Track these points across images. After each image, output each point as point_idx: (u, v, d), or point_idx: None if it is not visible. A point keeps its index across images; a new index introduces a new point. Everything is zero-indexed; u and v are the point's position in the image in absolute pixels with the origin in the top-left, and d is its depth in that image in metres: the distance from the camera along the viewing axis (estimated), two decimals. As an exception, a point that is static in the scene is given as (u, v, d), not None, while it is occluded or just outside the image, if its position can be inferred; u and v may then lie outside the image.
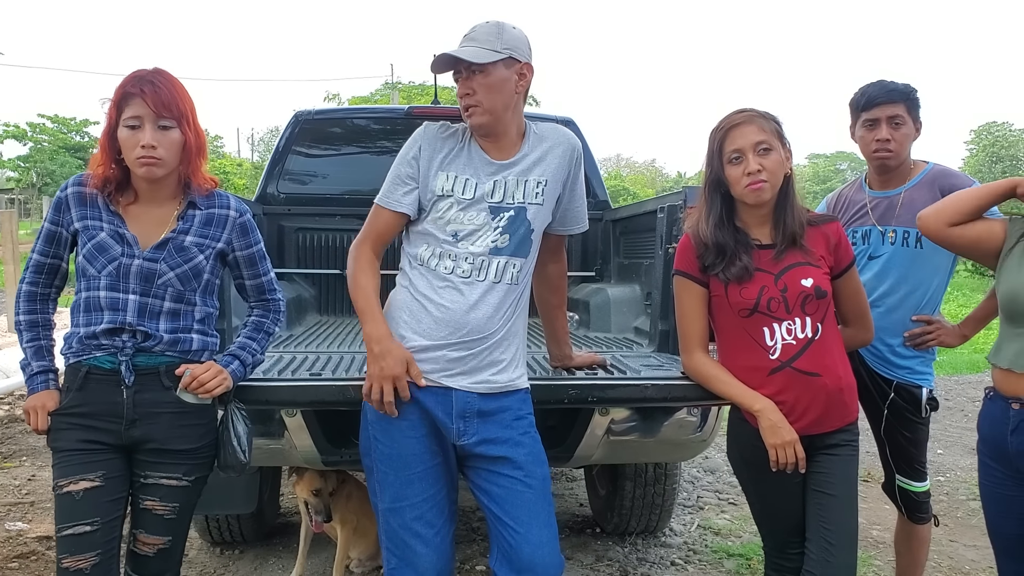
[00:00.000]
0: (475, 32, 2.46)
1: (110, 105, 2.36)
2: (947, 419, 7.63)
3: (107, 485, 2.35)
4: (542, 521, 2.44)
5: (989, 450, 2.52)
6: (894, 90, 3.05)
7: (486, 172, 2.49)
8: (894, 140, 3.04)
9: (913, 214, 3.02)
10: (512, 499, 2.42)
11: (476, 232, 2.45)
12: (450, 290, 2.43)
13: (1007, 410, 2.41)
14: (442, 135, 2.53)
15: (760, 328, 2.50)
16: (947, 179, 3.06)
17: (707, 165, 2.53)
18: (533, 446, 2.50)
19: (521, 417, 2.50)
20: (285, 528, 4.61)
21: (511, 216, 2.47)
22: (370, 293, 2.45)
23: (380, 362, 2.34)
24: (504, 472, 2.43)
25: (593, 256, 4.91)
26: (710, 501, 5.33)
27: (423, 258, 2.48)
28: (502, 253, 2.45)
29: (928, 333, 3.09)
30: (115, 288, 2.36)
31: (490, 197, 2.47)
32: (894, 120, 3.03)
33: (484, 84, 2.42)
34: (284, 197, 4.95)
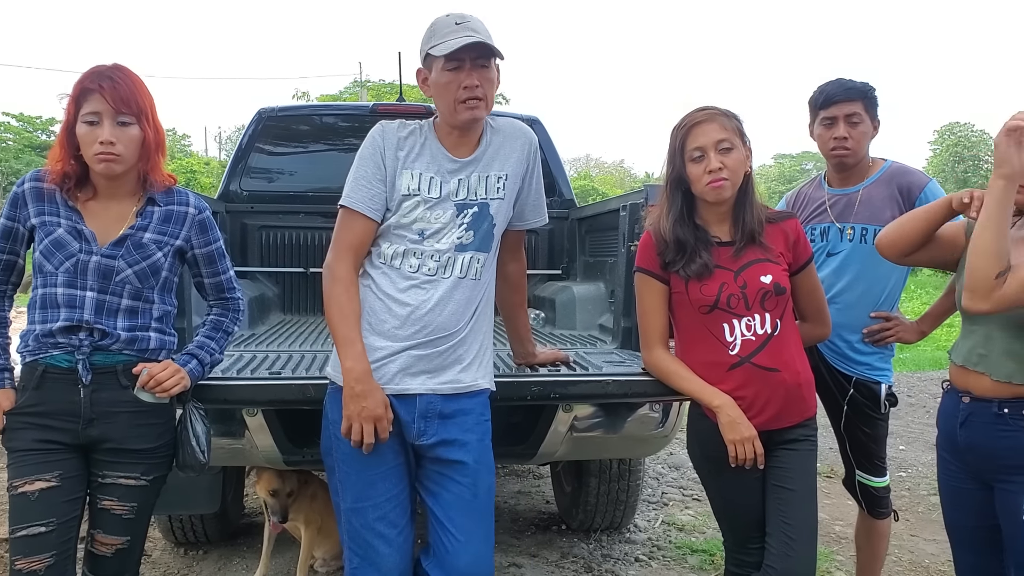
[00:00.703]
0: (472, 23, 2.40)
1: (68, 101, 2.33)
2: (909, 415, 7.73)
3: (64, 485, 2.32)
4: (483, 534, 2.45)
5: (944, 443, 2.56)
6: (852, 88, 3.08)
7: (449, 170, 2.47)
8: (851, 138, 3.07)
9: (872, 211, 3.06)
10: (459, 506, 2.42)
11: (442, 230, 2.44)
12: (415, 289, 2.42)
13: (958, 404, 2.45)
14: (401, 134, 2.49)
15: (720, 324, 2.52)
16: (904, 177, 3.10)
17: (668, 163, 2.54)
18: (486, 455, 2.50)
19: (480, 423, 2.50)
20: (249, 528, 4.58)
21: (475, 212, 2.47)
22: (353, 321, 2.38)
23: (362, 402, 2.31)
24: (455, 477, 2.43)
25: (559, 254, 4.93)
26: (674, 497, 5.37)
27: (387, 256, 2.46)
28: (467, 249, 2.45)
29: (886, 329, 3.13)
30: (72, 285, 2.33)
31: (455, 195, 2.46)
32: (851, 118, 3.06)
33: (488, 78, 2.41)
34: (247, 195, 4.91)
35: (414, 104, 5.15)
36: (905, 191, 3.07)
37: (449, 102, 2.41)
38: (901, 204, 3.06)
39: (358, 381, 2.31)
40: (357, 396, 2.31)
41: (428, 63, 2.45)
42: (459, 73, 2.38)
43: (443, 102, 2.44)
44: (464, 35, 2.36)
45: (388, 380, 2.39)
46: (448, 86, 2.40)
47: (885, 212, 3.07)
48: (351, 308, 2.38)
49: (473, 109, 2.40)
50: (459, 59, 2.37)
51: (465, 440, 2.44)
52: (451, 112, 2.42)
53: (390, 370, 2.39)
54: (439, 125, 2.52)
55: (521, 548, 4.41)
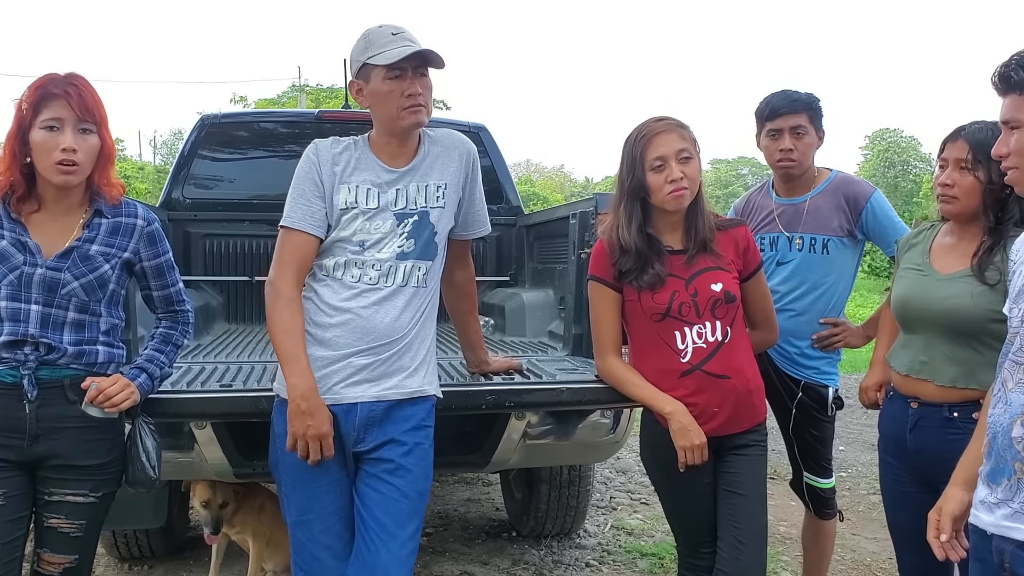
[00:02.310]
0: (408, 34, 2.44)
1: (24, 105, 2.27)
2: (848, 416, 7.89)
3: (8, 504, 2.27)
4: (407, 535, 2.43)
5: (889, 447, 2.62)
6: (797, 100, 3.14)
7: (386, 180, 2.48)
8: (797, 150, 3.12)
9: (819, 221, 3.14)
10: (385, 506, 2.41)
11: (383, 240, 2.44)
12: (357, 297, 2.42)
13: (906, 409, 2.51)
14: (335, 150, 2.50)
15: (672, 332, 2.55)
16: (850, 186, 3.19)
17: (627, 172, 2.56)
18: (424, 460, 2.49)
19: (421, 427, 2.49)
20: (196, 542, 4.49)
21: (415, 221, 2.47)
22: (298, 337, 2.36)
23: (308, 420, 2.29)
24: (385, 478, 2.42)
25: (507, 261, 4.93)
26: (623, 502, 5.42)
27: (329, 269, 2.46)
28: (408, 257, 2.46)
29: (834, 335, 3.20)
30: (16, 298, 2.28)
31: (394, 205, 2.47)
32: (796, 130, 3.12)
33: (427, 86, 2.44)
34: (190, 203, 4.83)
35: (359, 111, 5.11)
36: (852, 201, 3.14)
37: (391, 110, 2.42)
38: (848, 214, 3.14)
39: (303, 398, 2.30)
40: (303, 413, 2.29)
41: (365, 73, 2.46)
42: (401, 82, 2.40)
43: (384, 110, 2.45)
44: (404, 44, 2.39)
45: (329, 389, 2.38)
46: (390, 95, 2.41)
47: (832, 221, 3.14)
48: (294, 324, 2.37)
49: (416, 113, 2.42)
50: (401, 68, 2.39)
51: (402, 441, 2.43)
52: (393, 119, 2.43)
53: (332, 380, 2.39)
54: (374, 138, 2.53)
55: (472, 556, 4.41)
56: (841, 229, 3.15)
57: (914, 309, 2.50)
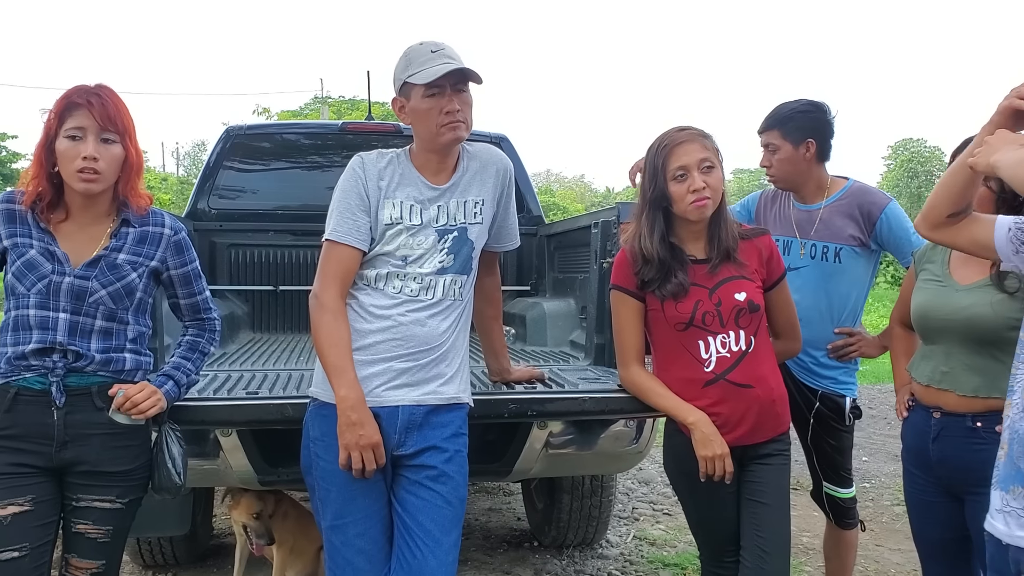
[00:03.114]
0: (447, 50, 2.45)
1: (51, 115, 2.32)
2: (871, 427, 7.85)
3: (37, 509, 2.29)
4: (451, 541, 2.45)
5: (912, 458, 2.61)
6: (770, 117, 3.20)
7: (428, 197, 2.51)
8: (772, 165, 3.21)
9: (832, 230, 3.15)
10: (430, 512, 2.42)
11: (424, 255, 2.47)
12: (397, 306, 2.44)
13: (928, 419, 2.50)
14: (380, 164, 2.52)
15: (695, 341, 2.55)
16: (865, 196, 3.19)
17: (649, 182, 2.57)
18: (462, 466, 2.51)
19: (459, 435, 2.52)
20: (219, 550, 4.53)
21: (455, 237, 2.50)
22: (344, 349, 2.38)
23: (359, 430, 2.31)
24: (428, 484, 2.43)
25: (528, 271, 4.95)
26: (645, 512, 5.40)
27: (370, 279, 2.48)
28: (448, 272, 2.48)
29: (850, 345, 3.20)
30: (45, 307, 2.31)
31: (436, 222, 2.49)
32: (768, 147, 3.20)
33: (467, 102, 2.46)
34: (215, 213, 4.89)
35: (382, 123, 5.15)
36: (866, 211, 3.15)
37: (431, 127, 2.45)
38: (862, 224, 3.15)
39: (353, 409, 2.31)
40: (354, 424, 2.31)
41: (406, 91, 2.48)
42: (440, 99, 2.42)
43: (424, 127, 2.47)
44: (443, 62, 2.40)
45: (370, 392, 2.39)
46: (429, 112, 2.43)
47: (845, 231, 3.15)
48: (340, 336, 2.39)
49: (455, 129, 2.44)
50: (439, 85, 2.41)
51: (443, 447, 2.45)
52: (433, 136, 2.46)
53: (373, 383, 2.40)
54: (415, 153, 2.55)
55: (494, 566, 4.41)
56: (854, 239, 3.15)
57: (934, 320, 2.49)
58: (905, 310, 2.73)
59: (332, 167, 4.92)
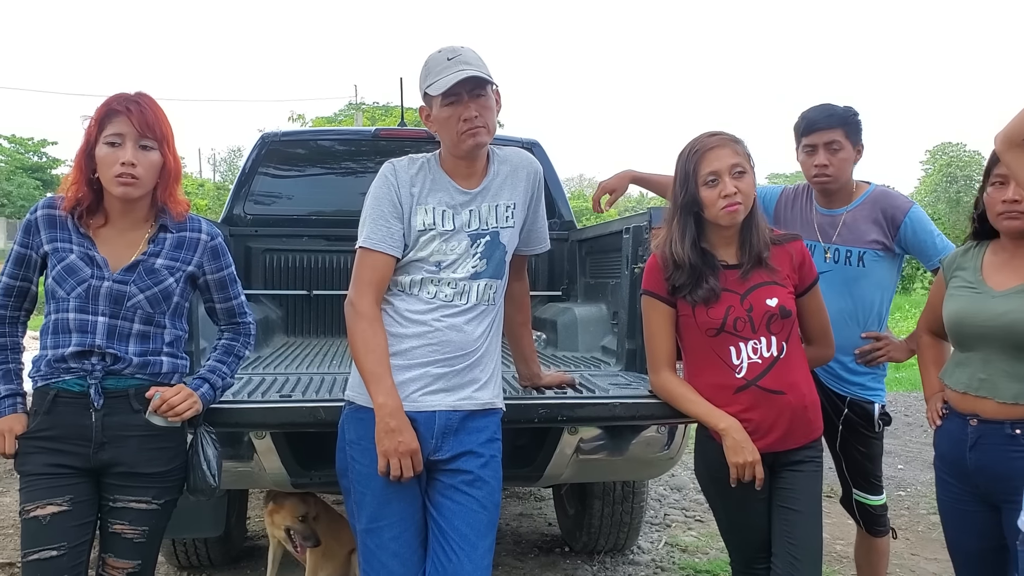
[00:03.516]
0: (465, 55, 2.46)
1: (91, 122, 2.36)
2: (907, 434, 7.75)
3: (75, 509, 2.33)
4: (487, 546, 2.45)
5: (947, 466, 2.58)
6: (832, 115, 3.12)
7: (460, 202, 2.52)
8: (832, 165, 3.12)
9: (856, 235, 3.13)
10: (465, 516, 2.43)
11: (458, 260, 2.48)
12: (432, 311, 2.45)
13: (965, 427, 2.47)
14: (412, 171, 2.54)
15: (727, 347, 2.54)
16: (888, 201, 3.18)
17: (680, 187, 2.56)
18: (498, 472, 2.52)
19: (494, 440, 2.53)
20: (252, 552, 4.57)
21: (487, 241, 2.51)
22: (381, 356, 2.39)
23: (398, 437, 2.32)
24: (464, 489, 2.44)
25: (559, 276, 4.96)
26: (677, 518, 5.38)
27: (404, 285, 2.49)
28: (481, 276, 2.49)
29: (877, 349, 3.17)
30: (84, 310, 2.35)
31: (468, 226, 2.51)
32: (831, 146, 3.11)
33: (486, 107, 2.46)
34: (251, 218, 4.95)
35: (415, 129, 5.19)
36: (889, 215, 3.14)
37: (452, 135, 2.47)
38: (885, 228, 3.14)
39: (392, 416, 2.33)
40: (392, 431, 2.32)
41: (428, 101, 2.51)
42: (457, 107, 2.44)
43: (446, 135, 2.49)
44: (457, 70, 2.41)
45: (407, 397, 2.41)
46: (449, 120, 2.45)
47: (869, 234, 3.14)
48: (376, 343, 2.40)
49: (475, 135, 2.45)
50: (456, 93, 2.43)
51: (479, 452, 2.46)
52: (455, 144, 2.48)
53: (410, 388, 2.42)
54: (444, 158, 2.57)
55: (525, 571, 4.41)
56: (877, 243, 3.14)
57: (970, 327, 2.47)
58: (933, 317, 2.71)
59: (365, 173, 4.96)
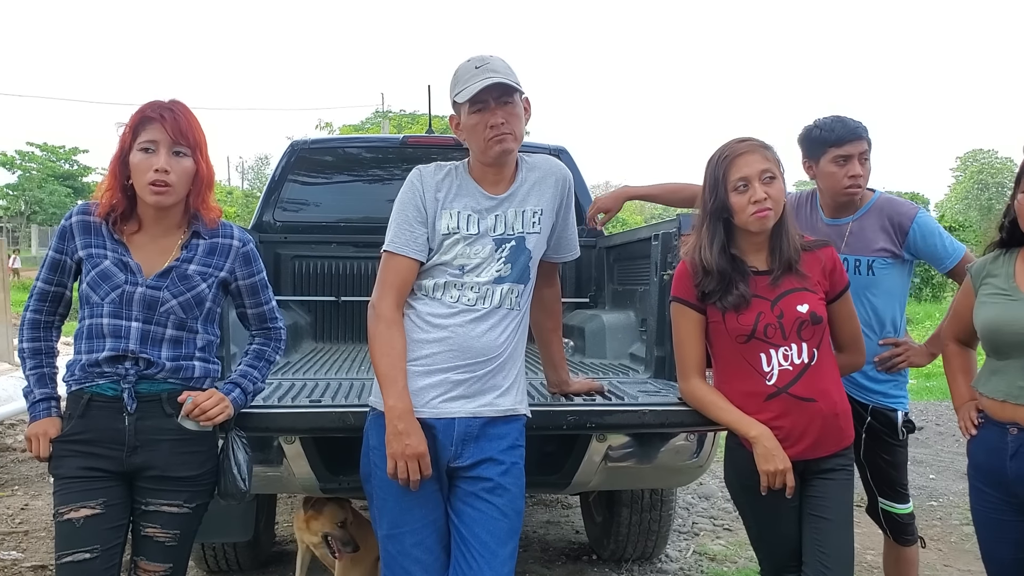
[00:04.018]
0: (492, 64, 2.48)
1: (125, 129, 2.39)
2: (938, 444, 7.65)
3: (108, 512, 2.36)
4: (508, 553, 2.45)
5: (983, 476, 2.54)
6: (860, 126, 3.14)
7: (486, 207, 2.53)
8: (864, 176, 3.13)
9: (864, 243, 3.13)
10: (486, 524, 2.43)
11: (481, 264, 2.49)
12: (455, 316, 2.46)
13: (1004, 436, 2.44)
14: (438, 176, 2.56)
15: (757, 354, 2.53)
16: (894, 207, 3.17)
17: (710, 193, 2.56)
18: (518, 478, 2.51)
19: (516, 447, 2.52)
20: (280, 557, 4.59)
21: (512, 246, 2.52)
22: (396, 359, 2.41)
23: (405, 440, 2.33)
24: (484, 497, 2.44)
25: (587, 282, 4.95)
26: (705, 527, 5.34)
27: (427, 289, 2.51)
28: (505, 281, 2.50)
29: (897, 356, 3.15)
30: (118, 316, 2.38)
31: (493, 231, 2.52)
32: (863, 156, 3.12)
33: (513, 114, 2.47)
34: (280, 225, 4.99)
35: (443, 136, 5.21)
36: (896, 222, 3.13)
37: (480, 142, 2.49)
38: (893, 235, 3.13)
39: (400, 419, 2.34)
40: (400, 434, 2.33)
41: (457, 109, 2.54)
42: (484, 114, 2.46)
43: (474, 143, 2.51)
44: (483, 78, 2.44)
45: (427, 403, 2.42)
46: (476, 128, 2.48)
47: (877, 242, 3.13)
48: (392, 346, 2.42)
49: (502, 142, 2.47)
50: (482, 101, 2.45)
51: (500, 460, 2.46)
52: (483, 151, 2.50)
53: (430, 394, 2.43)
54: (473, 165, 2.59)
55: (552, 578, 4.39)
56: (885, 250, 3.13)
57: (1007, 334, 2.44)
58: (961, 326, 2.68)
59: (393, 180, 4.99)
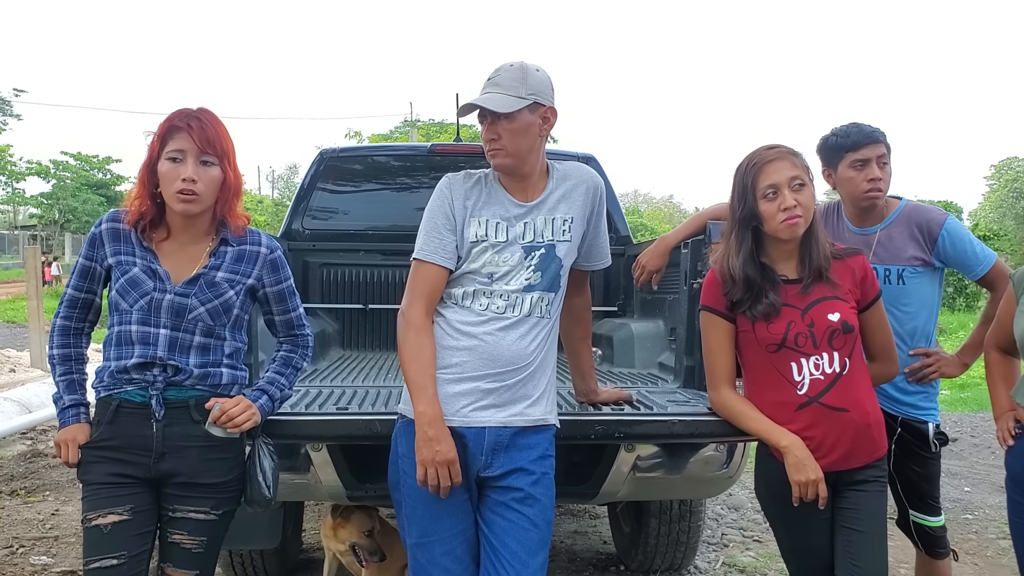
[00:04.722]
0: (500, 76, 2.47)
1: (154, 138, 2.41)
2: (973, 456, 7.53)
3: (135, 519, 2.36)
4: (538, 564, 2.43)
5: (1021, 488, 2.50)
6: (877, 131, 3.10)
7: (515, 214, 2.52)
8: (883, 179, 3.08)
9: (892, 253, 3.07)
10: (517, 535, 2.41)
11: (511, 272, 2.48)
12: (484, 324, 2.45)
13: (1042, 447, 2.39)
14: (467, 184, 2.56)
15: (788, 363, 2.50)
16: (922, 214, 3.12)
17: (738, 200, 2.53)
18: (549, 489, 2.49)
19: (546, 457, 2.50)
20: (308, 564, 4.59)
21: (542, 254, 2.50)
22: (426, 366, 2.40)
23: (435, 446, 2.32)
24: (515, 507, 2.42)
25: (615, 291, 4.91)
26: (734, 538, 5.28)
27: (456, 297, 2.50)
28: (535, 289, 2.48)
29: (928, 366, 3.09)
30: (147, 322, 2.39)
31: (522, 239, 2.50)
32: (882, 159, 3.08)
33: (509, 129, 2.45)
34: (309, 233, 5.00)
35: (470, 144, 5.21)
36: (925, 229, 3.08)
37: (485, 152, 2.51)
38: (922, 243, 3.08)
39: (430, 425, 2.33)
40: (430, 440, 2.32)
41: None
42: (484, 128, 2.48)
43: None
44: (481, 93, 2.47)
45: (457, 412, 2.40)
46: (482, 137, 2.51)
47: (906, 251, 3.08)
48: (422, 353, 2.41)
49: (492, 158, 2.49)
50: (482, 115, 2.46)
51: (530, 470, 2.44)
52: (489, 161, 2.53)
53: (460, 402, 2.41)
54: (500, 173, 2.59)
55: (579, 588, 4.36)
56: (916, 259, 3.08)
57: None
58: (1003, 334, 2.63)
59: (421, 188, 5.00)
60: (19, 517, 5.42)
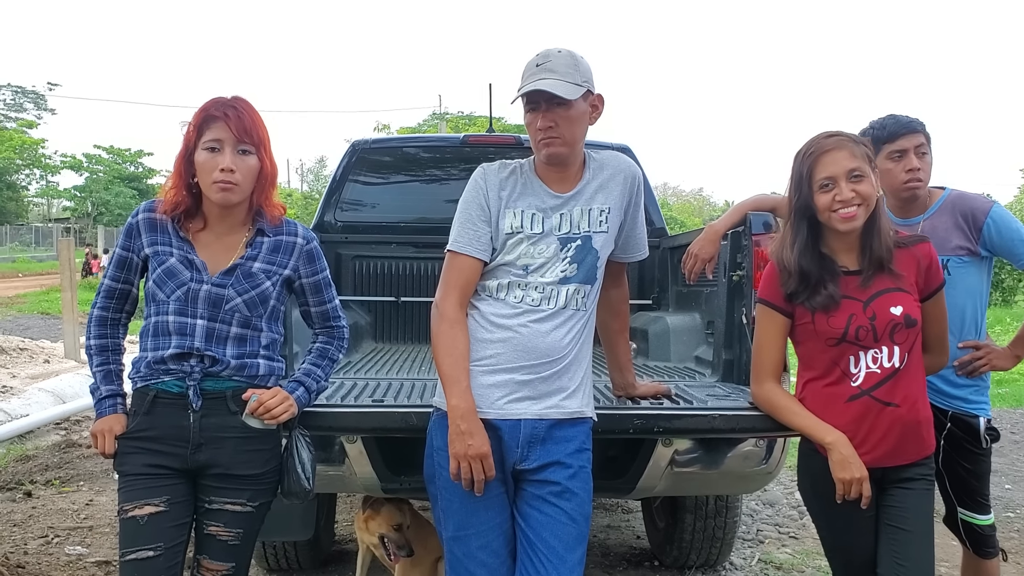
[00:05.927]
0: (551, 63, 2.42)
1: (189, 128, 2.39)
2: (1014, 453, 7.41)
3: (171, 510, 2.36)
4: (576, 559, 2.39)
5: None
6: (915, 120, 3.05)
7: (551, 205, 2.48)
8: (923, 169, 3.02)
9: (937, 242, 2.99)
10: (554, 528, 2.37)
11: (546, 264, 2.44)
12: (518, 316, 2.41)
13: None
14: (502, 174, 2.52)
15: (847, 356, 2.44)
16: (967, 203, 3.05)
17: (794, 190, 2.47)
18: (586, 482, 2.46)
19: (583, 450, 2.46)
20: (340, 556, 4.59)
21: (578, 246, 2.46)
22: (459, 359, 2.37)
23: (468, 440, 2.29)
24: (552, 500, 2.39)
25: (650, 284, 4.86)
26: (770, 535, 5.21)
27: (492, 289, 2.46)
28: (571, 281, 2.44)
29: (978, 359, 3.02)
30: (183, 313, 2.37)
31: (558, 230, 2.46)
32: (919, 149, 3.02)
33: (566, 116, 2.40)
34: (341, 225, 4.99)
35: (503, 135, 5.17)
36: (969, 217, 3.01)
37: (533, 142, 2.46)
38: (967, 231, 3.01)
39: (463, 419, 2.30)
40: (463, 434, 2.29)
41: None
42: (535, 115, 2.42)
43: (531, 141, 2.48)
44: (537, 79, 2.39)
45: (492, 404, 2.37)
46: (529, 127, 2.46)
47: (951, 241, 3.01)
48: (455, 345, 2.38)
49: (548, 146, 2.42)
50: (534, 101, 2.41)
51: (567, 463, 2.41)
52: (535, 151, 2.47)
53: (495, 394, 2.38)
54: (537, 163, 2.54)
55: (613, 584, 4.32)
56: (961, 248, 3.01)
57: None
58: None
59: (453, 180, 4.98)
60: (53, 507, 5.46)
